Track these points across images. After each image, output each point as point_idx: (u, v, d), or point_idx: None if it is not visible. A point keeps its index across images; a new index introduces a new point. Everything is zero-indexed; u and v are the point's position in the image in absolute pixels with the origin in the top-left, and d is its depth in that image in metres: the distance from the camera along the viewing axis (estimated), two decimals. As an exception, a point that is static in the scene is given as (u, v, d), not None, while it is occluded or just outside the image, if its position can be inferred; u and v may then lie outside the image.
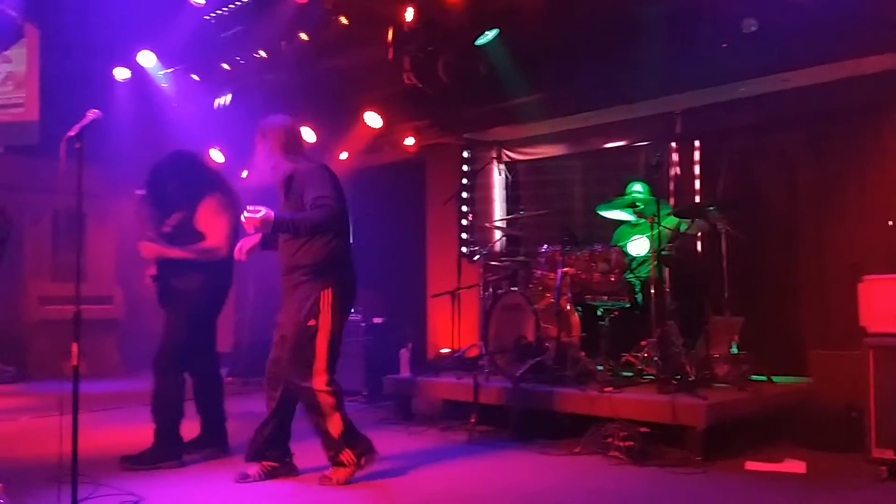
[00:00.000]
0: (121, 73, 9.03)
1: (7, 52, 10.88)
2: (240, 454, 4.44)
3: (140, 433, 4.80)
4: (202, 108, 8.66)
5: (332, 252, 4.14)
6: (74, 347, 3.48)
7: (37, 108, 11.03)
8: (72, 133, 3.56)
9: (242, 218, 3.88)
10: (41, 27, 10.78)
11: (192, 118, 8.48)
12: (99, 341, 9.53)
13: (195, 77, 8.79)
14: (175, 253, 4.69)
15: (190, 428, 4.77)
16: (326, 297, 4.07)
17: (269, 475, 4.20)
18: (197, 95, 8.78)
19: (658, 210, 5.44)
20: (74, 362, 3.48)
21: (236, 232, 4.67)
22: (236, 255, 4.31)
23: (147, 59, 8.79)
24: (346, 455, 4.08)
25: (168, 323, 4.78)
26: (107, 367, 8.73)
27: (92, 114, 3.63)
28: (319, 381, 4.05)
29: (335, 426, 4.07)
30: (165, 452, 4.57)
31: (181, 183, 4.82)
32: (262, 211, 3.81)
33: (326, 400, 4.05)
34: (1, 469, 4.41)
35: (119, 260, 10.35)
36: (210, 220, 4.75)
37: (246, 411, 5.50)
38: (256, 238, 4.26)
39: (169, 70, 8.93)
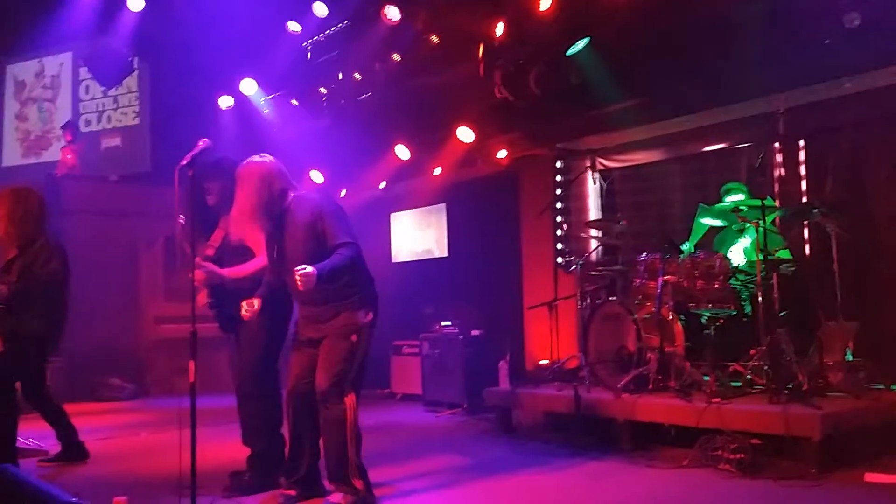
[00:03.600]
0: (225, 102, 9.45)
1: (120, 86, 11.59)
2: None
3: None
4: (302, 131, 8.96)
5: (365, 276, 4.15)
6: (192, 365, 3.65)
7: (148, 138, 11.71)
8: (184, 162, 3.75)
9: (297, 278, 3.70)
10: (150, 61, 11.44)
11: (292, 142, 8.79)
12: (211, 358, 9.92)
13: (294, 102, 9.11)
14: (230, 274, 4.37)
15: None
16: (368, 318, 4.07)
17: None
18: (296, 120, 9.09)
19: (763, 214, 5.27)
20: (192, 379, 3.64)
21: None
22: (245, 316, 4.07)
23: (249, 87, 9.18)
24: (358, 482, 3.97)
25: (242, 346, 4.52)
26: (219, 382, 9.09)
27: (202, 143, 3.81)
28: (351, 399, 3.99)
29: (355, 447, 3.98)
30: (270, 480, 4.36)
31: (223, 196, 4.44)
32: (309, 268, 3.74)
33: (353, 418, 3.98)
34: (125, 482, 4.68)
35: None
36: (260, 234, 4.27)
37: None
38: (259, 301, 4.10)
39: (270, 96, 9.29)
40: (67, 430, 5.39)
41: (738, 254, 5.91)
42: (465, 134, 7.72)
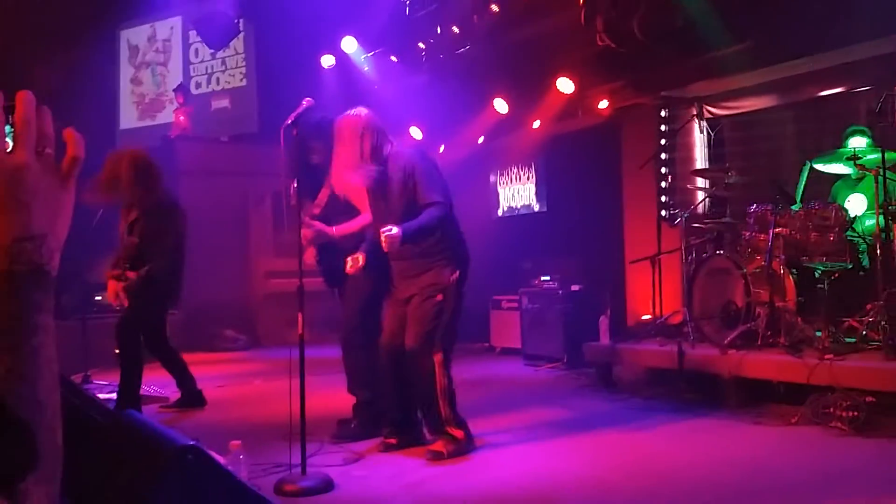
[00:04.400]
0: (327, 61, 9.59)
1: (227, 48, 11.94)
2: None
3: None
4: (401, 88, 9.01)
5: (455, 234, 4.18)
6: (300, 317, 3.79)
7: (255, 98, 12.05)
8: (289, 121, 3.84)
9: (382, 238, 3.81)
10: (255, 23, 11.71)
11: (392, 99, 8.85)
12: (320, 310, 10.28)
13: (394, 58, 9.15)
14: (337, 232, 4.49)
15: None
16: (454, 277, 4.10)
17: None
18: (396, 76, 9.14)
19: (883, 161, 4.96)
20: (300, 331, 3.78)
21: None
22: (349, 271, 4.25)
23: (350, 45, 9.27)
24: (457, 431, 4.08)
25: (346, 298, 4.67)
26: (327, 334, 9.45)
27: (305, 102, 3.89)
28: (440, 356, 4.06)
29: (447, 402, 4.06)
30: (375, 428, 4.49)
31: (327, 154, 4.42)
32: (394, 229, 3.81)
33: (442, 375, 4.07)
34: (239, 428, 4.93)
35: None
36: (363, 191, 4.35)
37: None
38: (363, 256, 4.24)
39: (369, 54, 9.36)
40: (187, 379, 5.72)
41: (856, 204, 5.60)
42: (566, 85, 7.58)
